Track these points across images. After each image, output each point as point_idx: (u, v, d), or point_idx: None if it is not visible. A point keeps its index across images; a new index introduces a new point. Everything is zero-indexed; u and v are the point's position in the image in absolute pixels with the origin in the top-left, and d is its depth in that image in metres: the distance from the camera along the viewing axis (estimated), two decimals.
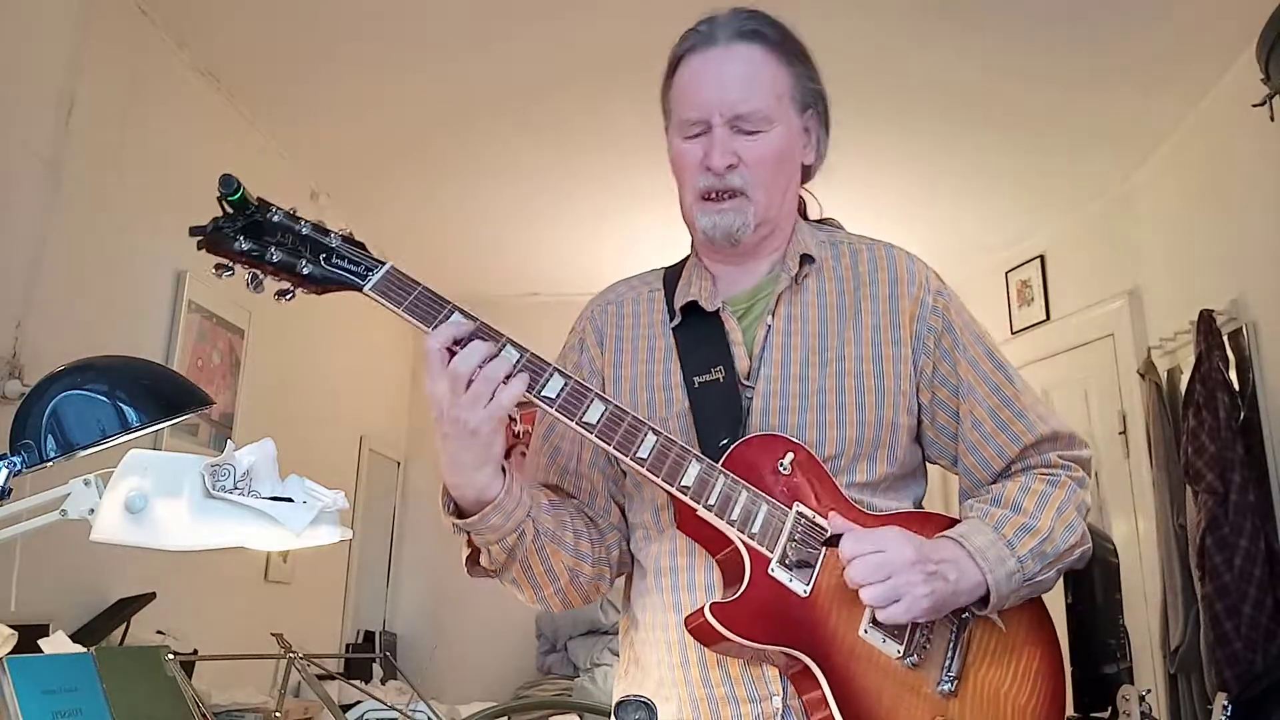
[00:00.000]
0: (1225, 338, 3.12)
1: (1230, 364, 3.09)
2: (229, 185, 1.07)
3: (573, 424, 1.10)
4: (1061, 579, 1.21)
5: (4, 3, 2.46)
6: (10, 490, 0.95)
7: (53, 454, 0.96)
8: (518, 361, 1.09)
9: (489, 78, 3.37)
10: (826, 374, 1.22)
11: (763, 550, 1.11)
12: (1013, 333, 4.60)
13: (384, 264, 1.12)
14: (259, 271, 1.10)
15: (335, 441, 4.60)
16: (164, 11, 3.02)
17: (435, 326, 1.09)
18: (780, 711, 1.13)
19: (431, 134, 3.75)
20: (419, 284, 1.11)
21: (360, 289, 1.10)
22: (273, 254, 1.09)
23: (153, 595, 2.74)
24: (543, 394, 1.10)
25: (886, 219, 4.09)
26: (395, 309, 1.09)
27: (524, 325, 1.34)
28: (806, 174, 1.33)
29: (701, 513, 1.11)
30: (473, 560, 1.22)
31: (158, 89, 3.09)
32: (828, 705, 1.08)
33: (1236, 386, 3.06)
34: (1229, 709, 2.46)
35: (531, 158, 3.94)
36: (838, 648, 1.10)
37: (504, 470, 1.13)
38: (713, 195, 1.22)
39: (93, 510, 0.94)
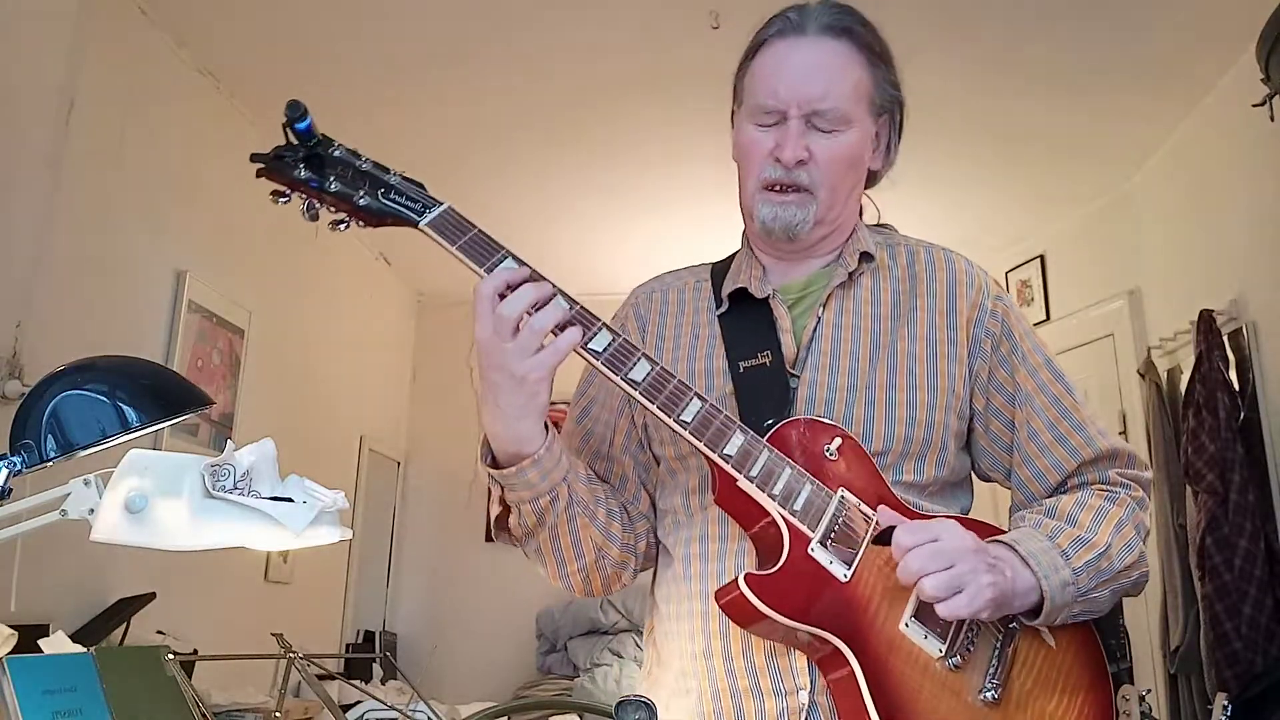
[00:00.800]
0: (1225, 338, 3.12)
1: (1230, 364, 3.09)
2: (295, 110, 1.08)
3: (618, 379, 1.07)
4: None
5: (4, 3, 2.46)
6: (10, 490, 0.95)
7: (53, 454, 0.96)
8: (569, 310, 1.07)
9: (494, 81, 3.37)
10: (877, 368, 1.18)
11: (803, 528, 1.06)
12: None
13: (442, 203, 1.12)
14: (316, 200, 1.11)
15: (335, 441, 4.60)
16: (164, 11, 3.02)
17: (489, 269, 1.07)
18: (806, 707, 1.08)
19: (433, 135, 3.75)
20: (475, 225, 1.11)
21: (416, 225, 1.10)
22: (331, 183, 1.09)
23: (153, 595, 2.74)
24: (589, 346, 1.07)
25: (886, 219, 4.09)
26: (449, 247, 1.09)
27: None
28: (872, 178, 1.30)
29: (743, 483, 1.07)
30: (500, 523, 1.18)
31: (158, 89, 3.09)
32: (860, 693, 1.02)
33: (1236, 386, 3.06)
34: (1229, 709, 2.45)
35: (547, 162, 3.95)
36: (876, 638, 1.05)
37: (546, 427, 1.10)
38: (777, 187, 1.19)
39: (93, 510, 0.94)
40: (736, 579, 1.04)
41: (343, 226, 1.13)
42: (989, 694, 1.07)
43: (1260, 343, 3.08)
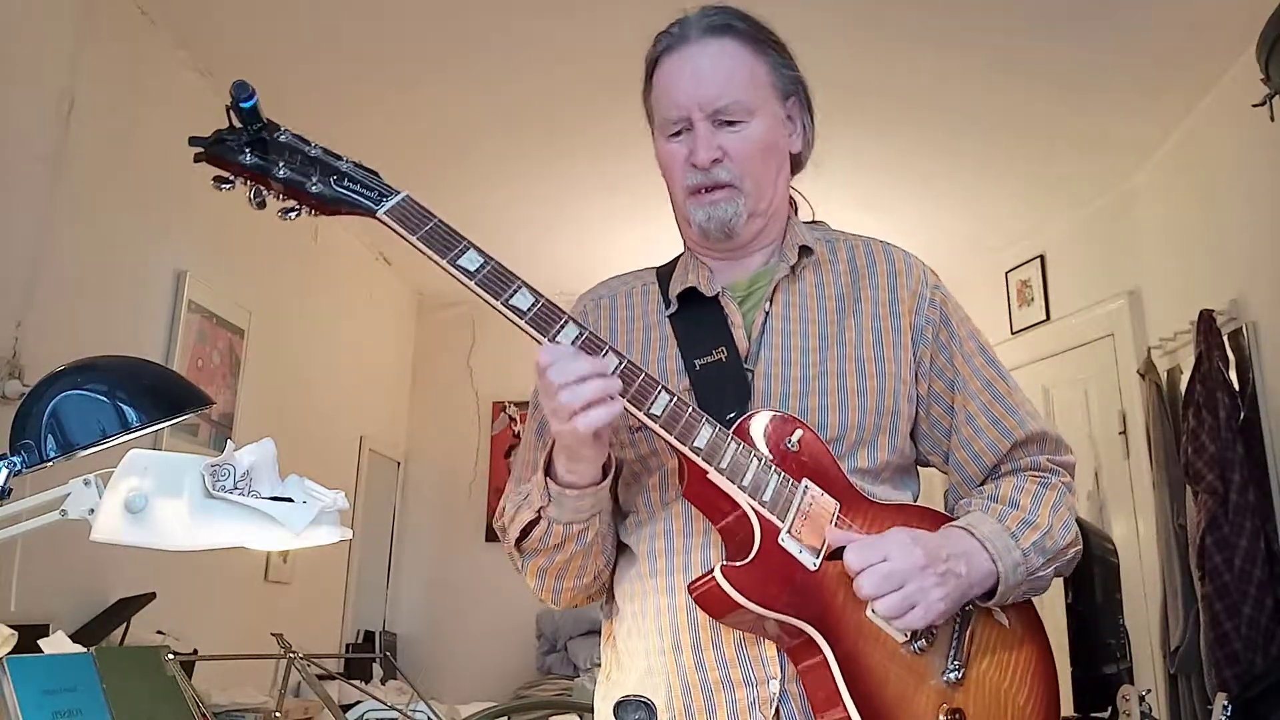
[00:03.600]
0: (1225, 338, 3.12)
1: (1230, 364, 3.09)
2: (243, 90, 1.02)
3: None
4: (1061, 580, 1.21)
5: (4, 3, 2.46)
6: (10, 490, 0.95)
7: (53, 454, 0.96)
8: (533, 305, 1.07)
9: (494, 84, 3.37)
10: (828, 357, 1.22)
11: (773, 519, 1.09)
12: (1013, 333, 4.60)
13: (399, 191, 1.09)
14: (263, 187, 1.06)
15: (335, 441, 4.60)
16: (164, 11, 3.02)
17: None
18: (777, 696, 1.10)
19: (434, 137, 3.75)
20: (435, 215, 1.08)
21: (373, 213, 1.07)
22: (279, 170, 1.05)
23: (153, 595, 2.74)
24: (557, 340, 1.07)
25: (886, 219, 4.09)
26: (409, 237, 1.06)
27: None
28: (796, 163, 1.32)
29: (713, 475, 1.09)
30: (524, 530, 1.20)
31: (158, 89, 3.09)
32: (833, 679, 1.06)
33: (1236, 386, 3.06)
34: (1229, 709, 2.45)
35: (538, 164, 3.95)
36: (845, 624, 1.08)
37: (605, 468, 1.14)
38: (702, 190, 1.22)
39: (93, 510, 0.94)
40: (712, 570, 1.06)
41: (292, 215, 1.08)
42: (951, 674, 1.12)
43: (1260, 343, 3.08)
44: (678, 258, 1.35)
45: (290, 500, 0.99)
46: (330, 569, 4.55)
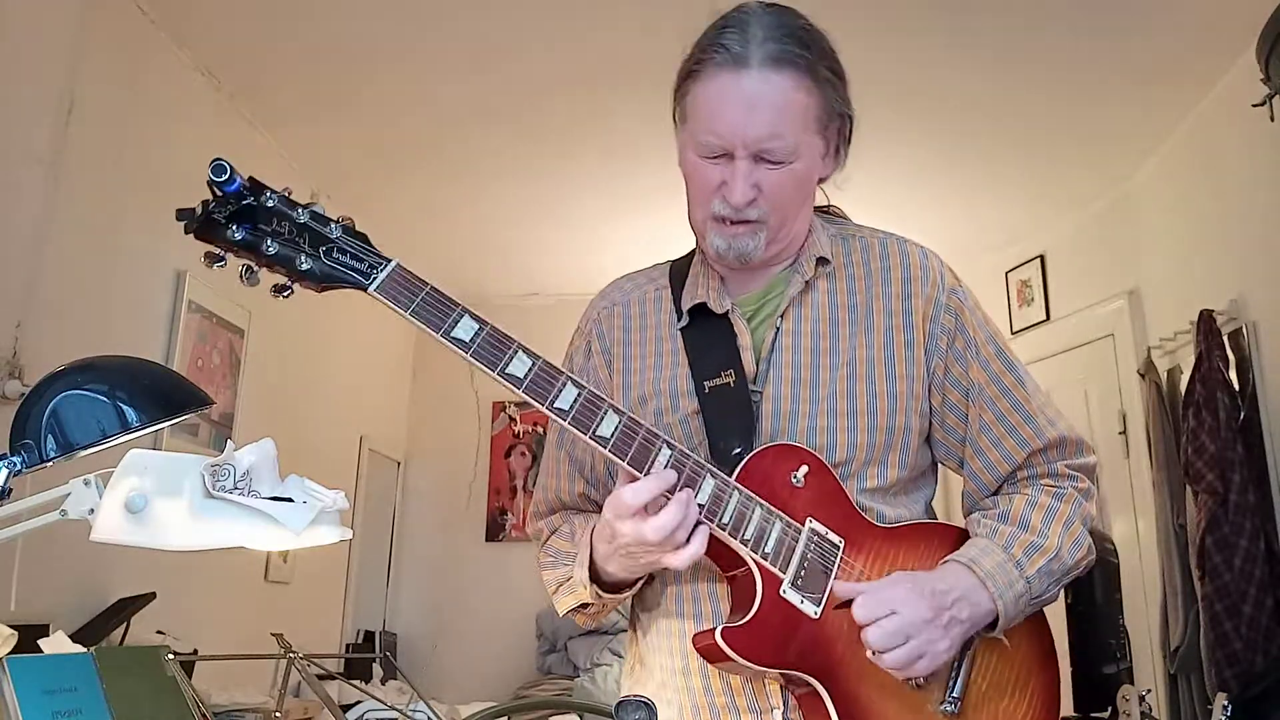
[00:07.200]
0: (1225, 338, 3.12)
1: (1230, 364, 3.09)
2: (220, 173, 0.99)
3: (585, 437, 1.06)
4: None
5: (4, 3, 2.46)
6: (10, 490, 0.95)
7: (53, 454, 0.96)
8: (529, 370, 1.06)
9: (491, 80, 3.37)
10: (837, 377, 1.20)
11: (775, 571, 1.09)
12: (1013, 333, 4.60)
13: (389, 261, 1.05)
14: (253, 263, 1.03)
15: (335, 441, 4.60)
16: (164, 11, 3.02)
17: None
18: None
19: (433, 135, 3.75)
20: (426, 284, 1.05)
21: (365, 289, 1.04)
22: (269, 245, 1.02)
23: (153, 595, 2.74)
24: (555, 405, 1.06)
25: (886, 219, 4.07)
26: (402, 312, 1.03)
27: (523, 325, 1.32)
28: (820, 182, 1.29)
29: (714, 531, 1.09)
30: (577, 610, 1.26)
31: (158, 89, 3.09)
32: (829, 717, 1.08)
33: (1236, 386, 3.06)
34: (1229, 709, 2.45)
35: (534, 161, 3.94)
36: (845, 670, 1.09)
37: None
38: (727, 221, 1.18)
39: (93, 510, 0.94)
40: (713, 630, 1.08)
41: (286, 294, 1.06)
42: (947, 706, 1.13)
43: (1260, 343, 3.08)
44: (691, 254, 1.33)
45: (290, 500, 0.98)
46: (330, 569, 4.55)
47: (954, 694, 1.13)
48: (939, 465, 1.30)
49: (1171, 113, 3.50)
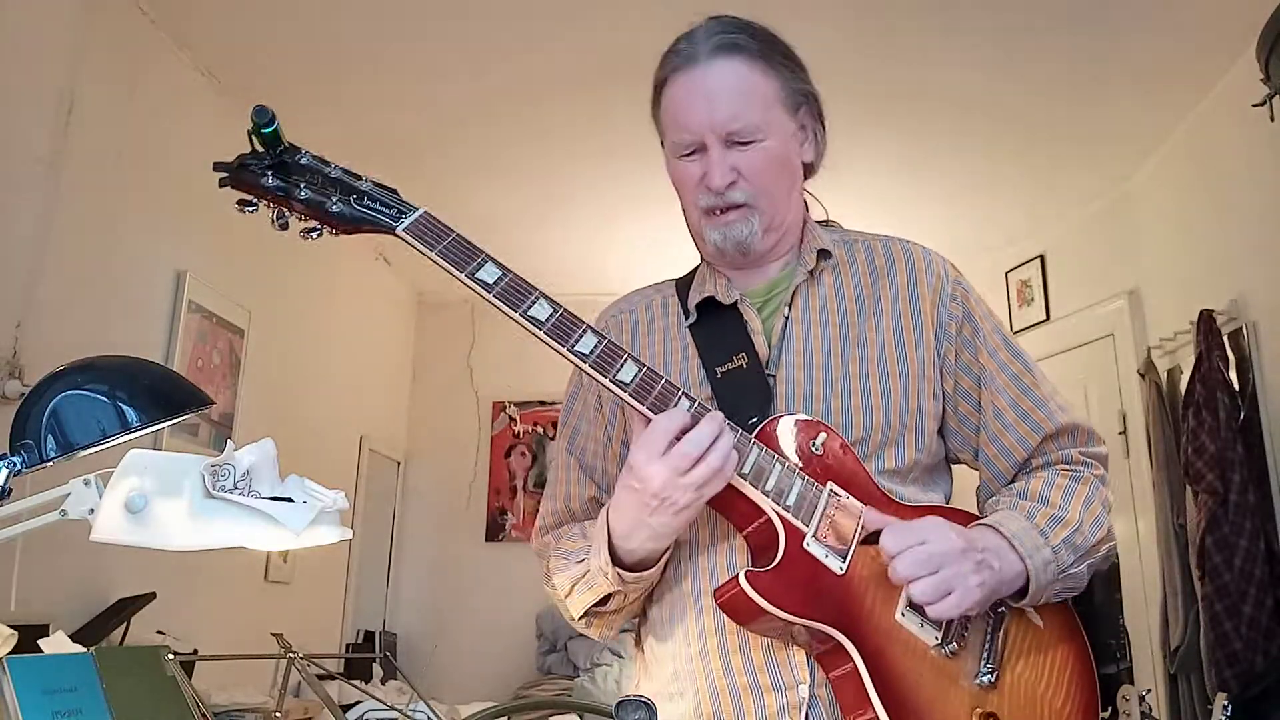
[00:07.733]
0: (1225, 338, 3.12)
1: (1230, 364, 3.09)
2: (263, 115, 1.04)
3: (606, 380, 1.07)
4: None
5: (4, 3, 2.46)
6: (10, 490, 0.95)
7: (53, 454, 0.96)
8: (551, 315, 1.07)
9: (491, 81, 3.37)
10: (849, 359, 1.21)
11: (798, 524, 1.08)
12: (1013, 333, 4.59)
13: (417, 208, 1.10)
14: (285, 209, 1.08)
15: (335, 441, 4.60)
16: (164, 11, 3.02)
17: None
18: (806, 701, 1.09)
19: (433, 136, 3.75)
20: (453, 230, 1.09)
21: (393, 230, 1.08)
22: (301, 190, 1.07)
23: (153, 595, 2.74)
24: (576, 349, 1.07)
25: (887, 220, 4.09)
26: (428, 252, 1.07)
27: None
28: (808, 170, 1.32)
29: (735, 481, 1.07)
30: (599, 604, 1.20)
31: (158, 89, 3.09)
32: (863, 686, 1.04)
33: (1236, 386, 3.06)
34: (1229, 709, 2.45)
35: (534, 161, 3.95)
36: (874, 629, 1.07)
37: None
38: (717, 211, 1.21)
39: (93, 510, 0.94)
40: (736, 576, 1.05)
41: (314, 235, 1.11)
42: (985, 678, 1.10)
43: (1260, 343, 3.08)
44: (695, 269, 1.35)
45: (290, 500, 0.98)
46: (330, 569, 4.55)
47: (989, 663, 1.10)
48: (953, 467, 1.30)
49: (1171, 113, 3.50)
